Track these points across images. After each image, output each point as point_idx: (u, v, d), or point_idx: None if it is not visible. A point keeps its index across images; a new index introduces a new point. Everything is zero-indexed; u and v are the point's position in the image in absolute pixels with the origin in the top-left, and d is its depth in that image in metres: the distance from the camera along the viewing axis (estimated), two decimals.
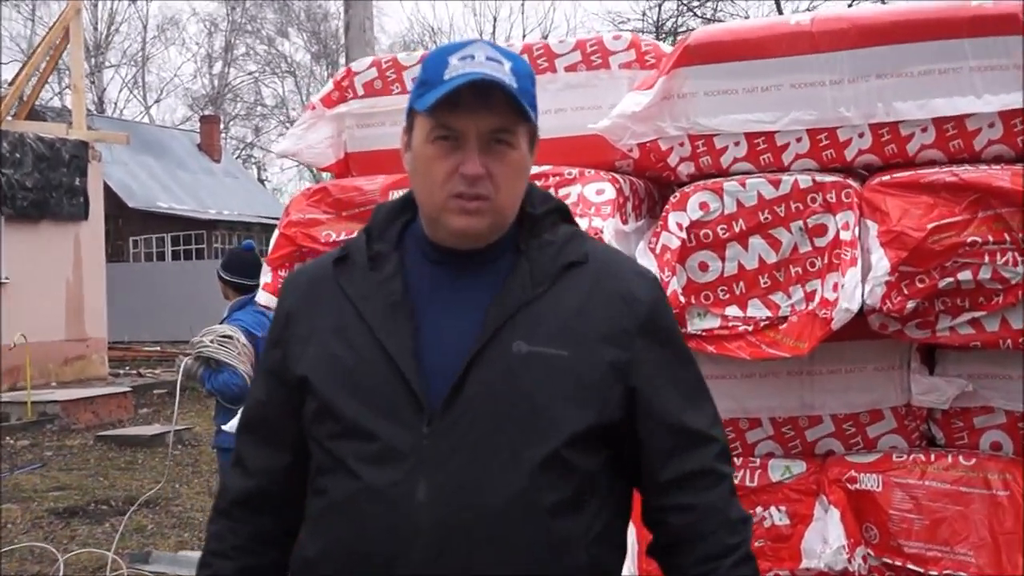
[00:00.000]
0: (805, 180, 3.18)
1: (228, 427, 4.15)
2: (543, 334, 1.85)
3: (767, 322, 3.21)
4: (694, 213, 3.24)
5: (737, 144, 3.37)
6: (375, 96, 3.93)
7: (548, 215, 1.96)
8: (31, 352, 14.87)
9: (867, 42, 3.21)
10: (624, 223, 3.35)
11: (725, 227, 3.22)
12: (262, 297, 3.68)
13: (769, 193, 3.19)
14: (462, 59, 1.83)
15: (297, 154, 4.02)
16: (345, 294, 1.94)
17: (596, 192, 3.32)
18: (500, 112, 1.82)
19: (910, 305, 3.01)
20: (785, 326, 3.18)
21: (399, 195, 2.06)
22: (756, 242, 3.21)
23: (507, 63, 1.84)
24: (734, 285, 3.25)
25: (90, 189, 18.10)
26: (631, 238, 3.36)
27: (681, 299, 3.22)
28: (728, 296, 3.25)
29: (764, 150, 3.35)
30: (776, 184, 3.20)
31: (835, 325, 3.06)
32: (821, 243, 3.16)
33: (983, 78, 3.11)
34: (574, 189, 3.33)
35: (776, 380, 3.39)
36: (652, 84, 3.40)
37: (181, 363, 6.01)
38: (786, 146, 3.33)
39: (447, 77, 1.82)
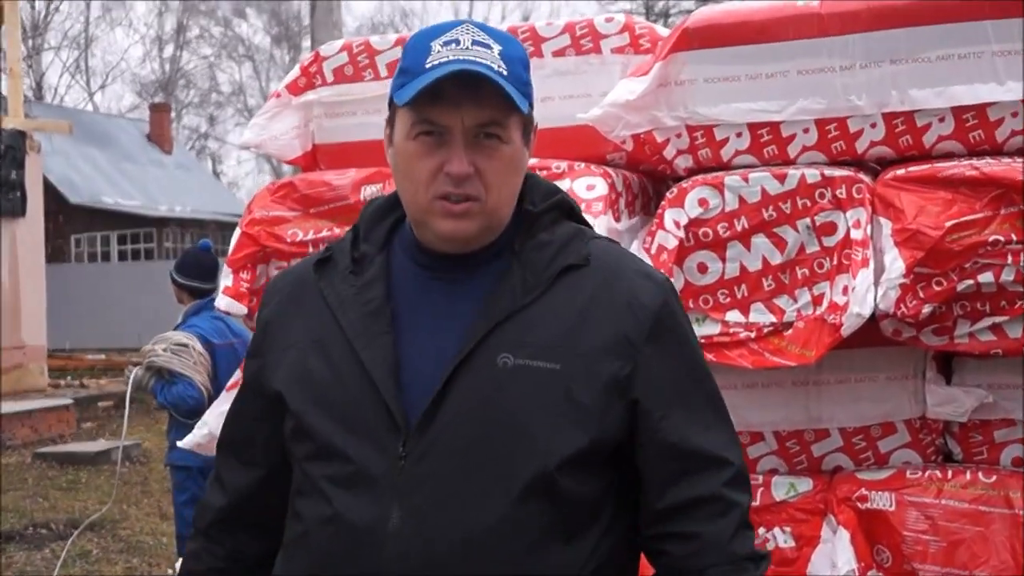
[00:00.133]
0: (813, 174, 3.19)
1: (184, 443, 4.12)
2: (533, 345, 1.80)
3: (771, 328, 3.21)
4: (692, 210, 3.24)
5: (739, 135, 3.37)
6: (346, 83, 3.90)
7: (548, 212, 1.92)
8: None
9: (880, 24, 3.21)
10: (617, 221, 3.35)
11: (726, 225, 3.22)
12: (222, 302, 3.65)
13: (774, 188, 3.19)
14: (446, 44, 1.79)
15: (260, 146, 4.00)
16: (325, 300, 1.91)
17: (587, 187, 3.32)
18: (488, 103, 1.78)
19: (926, 309, 3.02)
20: (791, 332, 3.17)
21: (375, 190, 2.04)
22: (760, 241, 3.21)
23: (496, 47, 1.80)
24: (735, 288, 3.24)
25: (28, 183, 17.94)
26: (624, 237, 3.35)
27: None
28: (729, 300, 3.25)
29: (768, 142, 3.35)
30: (781, 179, 3.20)
31: (845, 331, 3.05)
32: (830, 243, 3.16)
33: (1006, 63, 3.12)
34: (563, 184, 3.29)
35: (780, 390, 3.39)
36: (647, 70, 3.39)
37: (131, 373, 5.98)
38: (792, 137, 3.33)
39: (429, 65, 1.78)
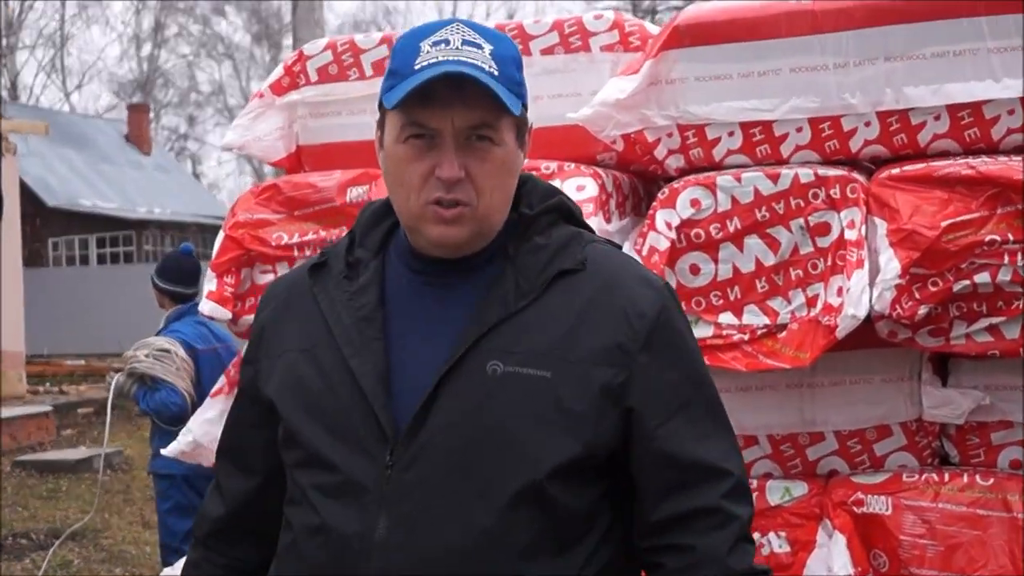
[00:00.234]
0: (806, 174, 3.19)
1: (167, 451, 4.12)
2: (524, 352, 1.80)
3: (765, 330, 3.21)
4: (684, 211, 3.24)
5: (731, 135, 3.37)
6: (330, 82, 3.89)
7: (544, 215, 1.91)
8: None
9: (875, 21, 3.22)
10: (607, 222, 3.36)
11: (718, 226, 3.22)
12: (206, 307, 3.65)
13: (767, 188, 3.20)
14: (435, 45, 1.79)
15: (244, 147, 3.99)
16: (318, 306, 1.92)
17: (576, 188, 3.32)
18: (478, 105, 1.77)
19: (922, 310, 3.02)
20: (784, 334, 3.17)
21: (361, 192, 2.04)
22: (753, 242, 3.22)
23: (488, 46, 1.80)
24: (728, 290, 3.25)
25: (4, 185, 17.80)
26: (615, 238, 3.33)
27: None
28: (722, 302, 3.25)
29: (761, 141, 3.35)
30: (774, 178, 3.20)
31: (840, 333, 3.06)
32: (824, 243, 3.17)
33: (1002, 60, 3.12)
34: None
35: (774, 393, 3.39)
36: (638, 69, 3.39)
37: (112, 380, 5.96)
38: (785, 136, 3.33)
39: (418, 67, 1.78)
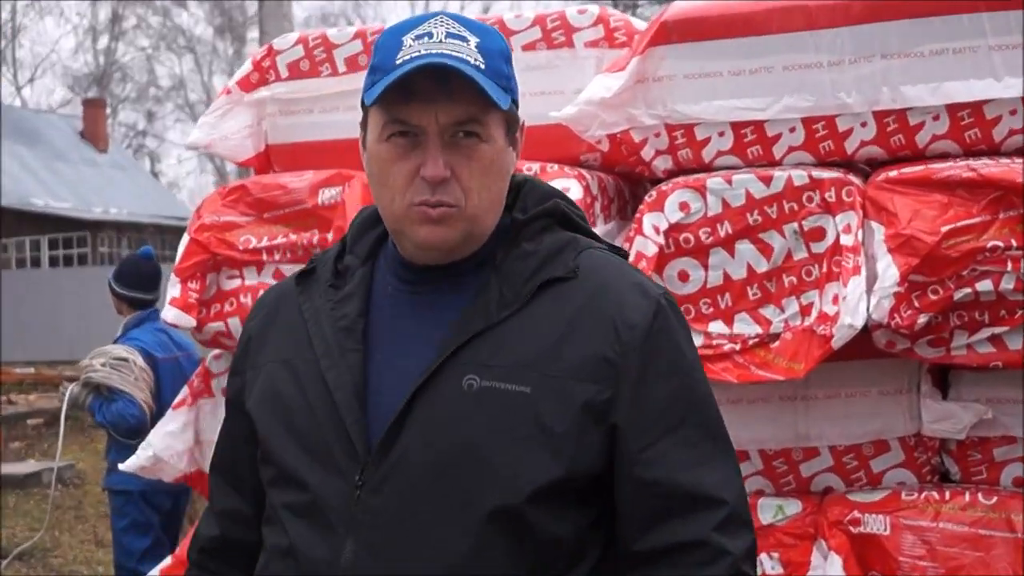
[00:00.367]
0: (800, 176, 3.20)
1: (125, 466, 4.06)
2: (503, 366, 1.75)
3: (757, 340, 3.22)
4: (673, 215, 3.24)
5: (722, 135, 3.37)
6: (301, 78, 3.89)
7: (536, 220, 1.89)
8: None
9: (871, 17, 3.23)
10: (592, 226, 3.33)
11: (708, 231, 3.22)
12: (169, 314, 3.62)
13: (759, 191, 3.20)
14: (418, 38, 1.77)
15: (210, 146, 3.97)
16: (302, 316, 1.89)
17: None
18: (464, 100, 1.75)
19: (922, 320, 3.03)
20: (778, 344, 3.18)
21: (333, 193, 2.01)
22: (744, 248, 3.22)
23: (473, 39, 1.78)
24: (719, 297, 3.25)
25: None
26: None
27: None
28: (712, 310, 3.25)
29: (753, 142, 3.36)
30: (767, 181, 3.21)
31: (835, 343, 3.06)
32: (819, 249, 3.17)
33: (1003, 58, 3.14)
34: None
35: (767, 406, 3.39)
36: (624, 66, 3.39)
37: (66, 390, 5.90)
38: (778, 137, 3.34)
39: (399, 61, 1.75)
